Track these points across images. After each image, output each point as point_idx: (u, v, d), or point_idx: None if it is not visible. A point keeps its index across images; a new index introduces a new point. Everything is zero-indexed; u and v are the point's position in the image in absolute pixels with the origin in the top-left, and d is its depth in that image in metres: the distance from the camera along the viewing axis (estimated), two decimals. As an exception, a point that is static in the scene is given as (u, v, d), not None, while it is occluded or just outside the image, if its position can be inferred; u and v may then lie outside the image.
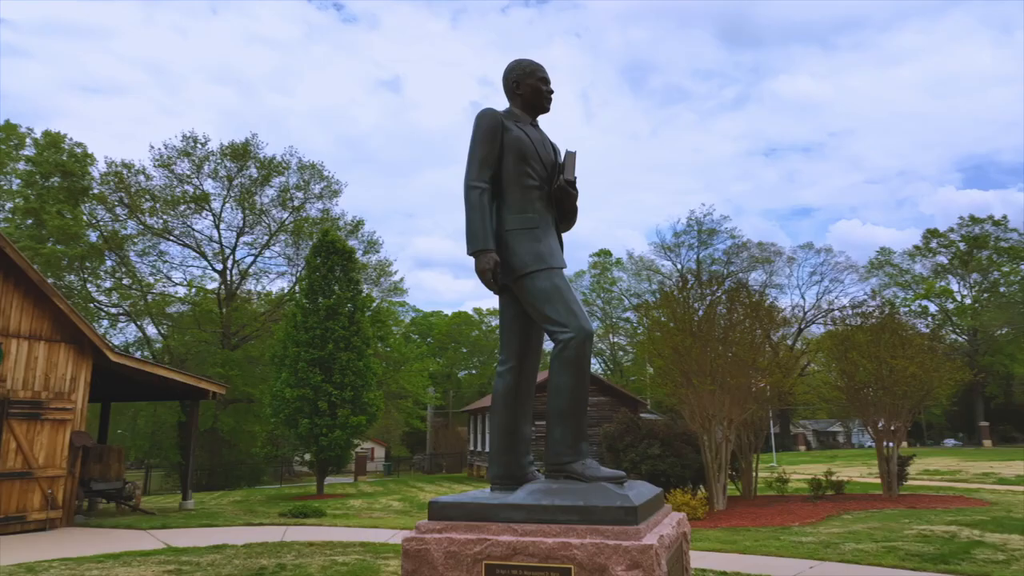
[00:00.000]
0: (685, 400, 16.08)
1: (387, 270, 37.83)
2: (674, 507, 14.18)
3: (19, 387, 12.58)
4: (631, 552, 2.68)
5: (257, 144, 35.28)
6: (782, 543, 11.16)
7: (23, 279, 12.84)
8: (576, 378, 3.25)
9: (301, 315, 23.90)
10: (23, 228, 32.56)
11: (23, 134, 38.53)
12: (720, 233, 54.47)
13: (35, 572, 8.46)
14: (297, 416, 22.50)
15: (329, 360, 22.98)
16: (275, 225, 35.71)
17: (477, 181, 3.53)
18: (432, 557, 2.92)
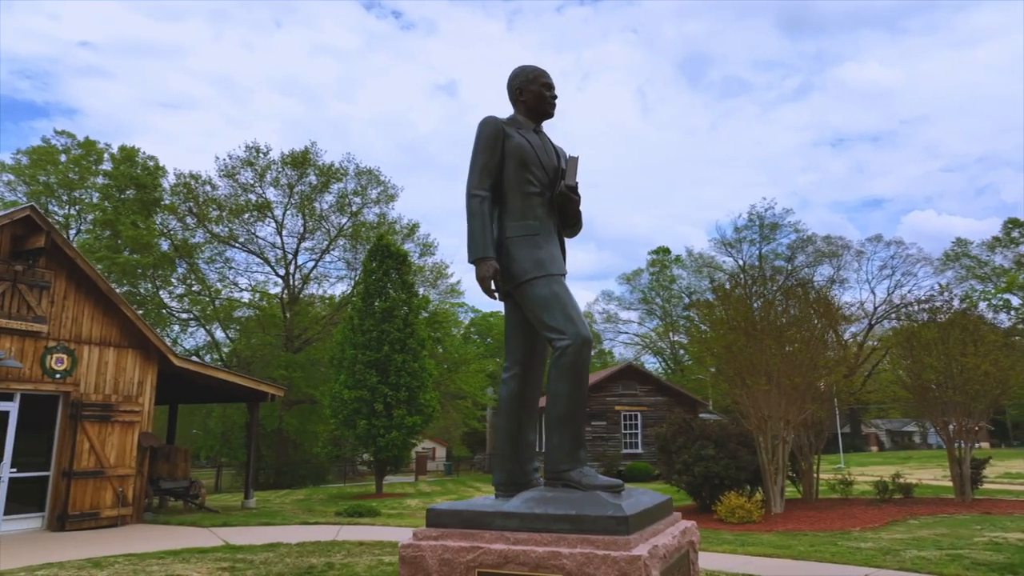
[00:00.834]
0: (739, 400, 15.71)
1: (443, 272, 38.30)
2: (728, 510, 13.93)
3: (91, 391, 13.29)
4: (619, 562, 2.65)
5: (316, 152, 36.29)
6: (839, 549, 10.78)
7: (93, 289, 13.56)
8: (573, 385, 3.23)
9: (358, 318, 24.44)
10: (101, 239, 34.38)
11: (101, 150, 40.67)
12: (783, 227, 52.91)
13: (100, 567, 8.93)
14: (355, 417, 23.01)
15: (385, 362, 23.42)
16: (334, 230, 36.64)
17: (477, 189, 3.56)
18: (427, 564, 2.96)
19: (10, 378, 12.16)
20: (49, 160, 38.74)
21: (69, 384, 12.98)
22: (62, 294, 13.05)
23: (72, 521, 12.56)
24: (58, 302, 12.96)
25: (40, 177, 38.14)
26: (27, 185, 38.49)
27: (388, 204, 37.56)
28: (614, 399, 30.73)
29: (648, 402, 30.63)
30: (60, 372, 12.82)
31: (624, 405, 30.63)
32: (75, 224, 39.81)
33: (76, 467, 12.75)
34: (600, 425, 30.25)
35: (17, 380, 12.27)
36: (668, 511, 3.39)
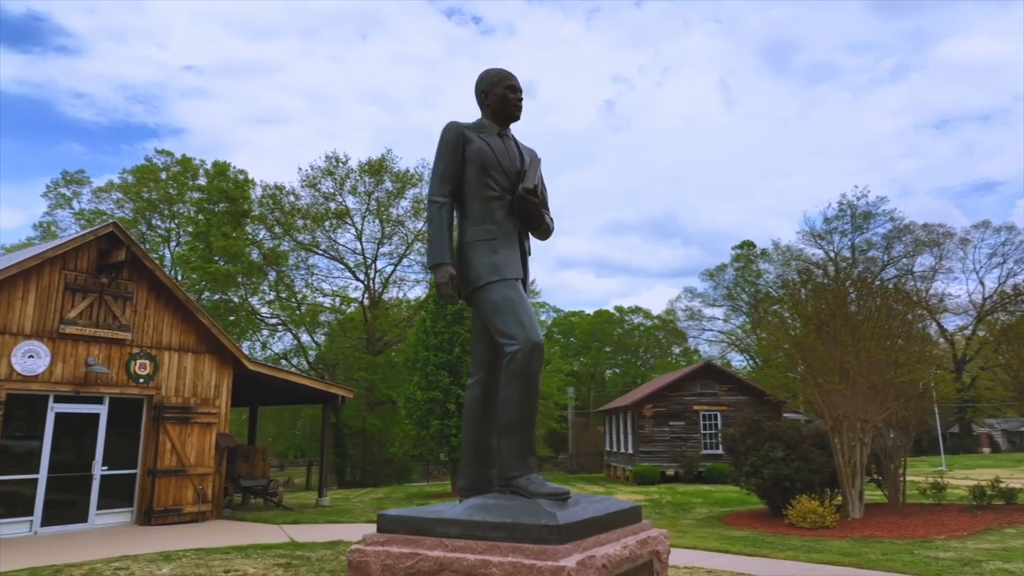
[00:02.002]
0: (812, 400, 15.01)
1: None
2: (799, 514, 13.33)
3: (171, 394, 14.15)
4: (543, 572, 2.59)
5: (392, 159, 37.32)
6: (913, 558, 10.13)
7: (172, 299, 14.43)
8: (522, 391, 3.18)
9: (430, 320, 24.89)
10: (196, 250, 36.59)
11: (196, 166, 43.25)
12: (877, 216, 50.05)
13: (169, 560, 9.51)
14: (429, 417, 23.45)
15: (456, 363, 23.74)
16: (410, 235, 37.53)
17: (436, 195, 3.57)
18: (370, 569, 2.99)
19: (99, 383, 13.11)
20: (151, 177, 41.51)
21: (152, 388, 13.87)
22: (143, 304, 13.96)
23: (157, 516, 13.42)
24: (140, 311, 13.87)
25: (143, 193, 40.93)
26: (133, 201, 41.40)
27: (462, 207, 38.08)
28: (692, 398, 29.98)
29: (728, 401, 29.70)
30: (143, 377, 13.72)
31: (703, 405, 29.83)
32: (175, 237, 42.49)
33: (159, 466, 13.61)
34: (678, 425, 29.58)
35: (105, 384, 13.22)
36: (629, 520, 3.28)
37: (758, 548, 11.19)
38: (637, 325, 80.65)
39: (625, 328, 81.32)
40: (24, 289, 12.32)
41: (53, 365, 12.51)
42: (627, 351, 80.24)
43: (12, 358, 12.04)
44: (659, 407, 29.84)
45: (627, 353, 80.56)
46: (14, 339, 12.10)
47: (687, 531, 13.45)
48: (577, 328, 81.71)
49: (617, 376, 78.60)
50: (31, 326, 12.33)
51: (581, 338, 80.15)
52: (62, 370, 12.63)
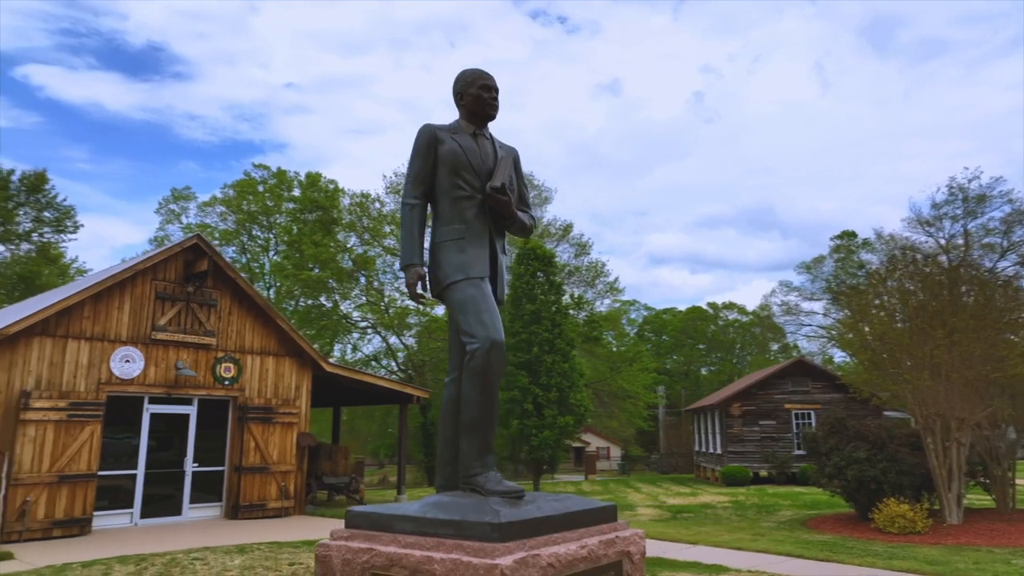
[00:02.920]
0: (900, 397, 14.10)
1: (600, 271, 38.15)
2: (887, 519, 12.55)
3: (254, 395, 14.94)
4: (479, 569, 2.59)
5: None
6: (1009, 569, 9.34)
7: (253, 305, 15.23)
8: (482, 389, 3.19)
9: (507, 321, 25.10)
10: (291, 258, 38.44)
11: (291, 179, 45.43)
12: (992, 199, 46.20)
13: (243, 552, 10.05)
14: (508, 417, 23.64)
15: (534, 363, 23.83)
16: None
17: (409, 197, 3.63)
18: (332, 564, 3.07)
19: (188, 385, 14.02)
20: (250, 190, 43.93)
21: (236, 389, 14.69)
22: (227, 310, 14.81)
23: (243, 511, 14.20)
24: (224, 317, 14.73)
25: (243, 206, 43.36)
26: (234, 214, 43.95)
27: (542, 207, 38.15)
28: (783, 397, 28.77)
29: (822, 399, 28.30)
30: (228, 379, 14.55)
31: (795, 403, 28.56)
32: (273, 246, 44.77)
33: (244, 463, 14.39)
34: (769, 424, 28.46)
35: (194, 387, 14.12)
36: (597, 520, 3.21)
37: (834, 553, 10.63)
38: (732, 321, 78.15)
39: (719, 325, 79.05)
40: (120, 299, 13.35)
41: (147, 369, 13.49)
42: (722, 348, 77.95)
43: (111, 363, 13.07)
44: (748, 406, 28.81)
45: (722, 350, 78.26)
46: (112, 345, 13.13)
47: (764, 534, 12.93)
48: (669, 326, 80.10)
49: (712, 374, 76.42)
50: (127, 333, 13.34)
51: (673, 336, 78.51)
52: (155, 373, 13.59)
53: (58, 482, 12.00)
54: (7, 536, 11.40)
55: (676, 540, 12.07)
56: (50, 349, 12.48)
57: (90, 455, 12.42)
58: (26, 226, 28.06)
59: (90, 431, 12.48)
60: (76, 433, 12.33)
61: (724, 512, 17.69)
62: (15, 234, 27.71)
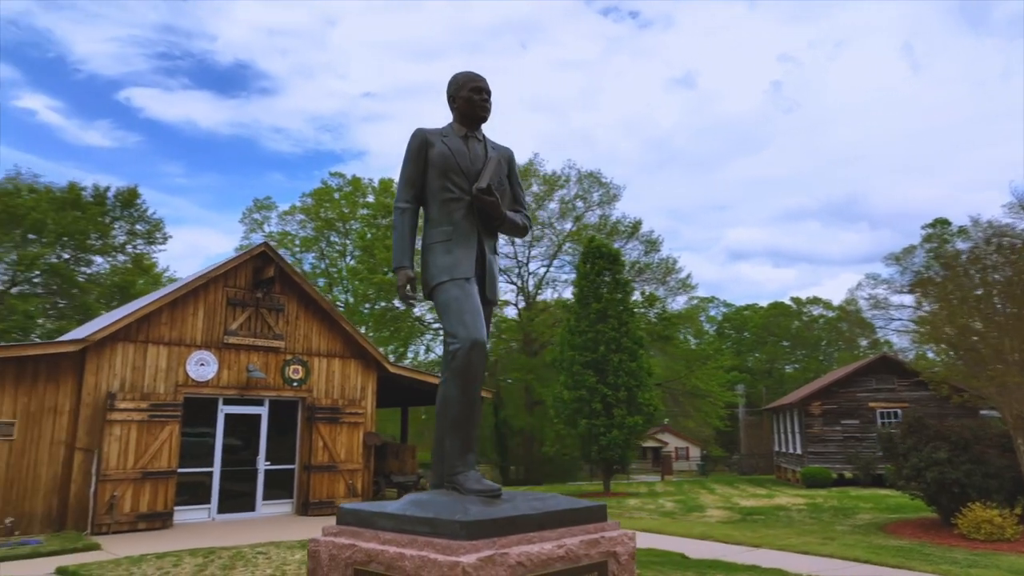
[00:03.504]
0: (984, 395, 13.22)
1: (672, 267, 37.45)
2: (972, 524, 11.81)
3: (321, 396, 15.47)
4: (442, 567, 2.62)
5: (538, 163, 37.93)
6: (1103, 580, 8.60)
7: (319, 309, 15.78)
8: (462, 389, 3.22)
9: (574, 320, 25.00)
10: (365, 263, 39.57)
11: (365, 186, 46.76)
12: (1104, 179, 42.62)
13: (305, 547, 10.44)
14: (576, 417, 23.54)
15: (602, 362, 23.62)
16: (560, 236, 37.89)
17: (400, 201, 3.71)
18: (321, 558, 3.17)
19: (259, 387, 14.66)
20: (327, 198, 45.47)
21: (304, 391, 15.25)
22: (294, 315, 15.39)
23: (313, 508, 14.72)
24: (291, 321, 15.32)
25: (321, 213, 44.93)
26: (313, 221, 45.61)
27: (610, 205, 37.88)
28: (867, 395, 27.42)
29: (910, 397, 26.80)
30: (296, 381, 15.12)
31: (880, 402, 27.18)
32: (349, 251, 46.19)
33: (313, 462, 14.92)
34: (852, 424, 27.20)
35: (264, 388, 14.75)
36: (580, 520, 3.17)
37: (907, 559, 10.07)
38: (816, 317, 75.16)
39: (803, 320, 76.16)
40: (194, 306, 14.10)
41: (220, 372, 14.19)
42: (807, 345, 75.04)
43: (187, 366, 13.82)
44: (829, 404, 27.63)
45: (807, 347, 75.34)
46: (188, 350, 13.88)
47: (835, 538, 12.40)
48: (750, 322, 77.77)
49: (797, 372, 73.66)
50: (201, 338, 14.08)
51: (755, 333, 76.15)
52: (228, 376, 14.28)
53: (142, 478, 12.79)
54: (97, 528, 12.24)
55: (739, 543, 11.73)
56: (132, 354, 13.32)
57: (170, 453, 13.17)
58: (120, 239, 30.10)
59: (169, 431, 13.23)
60: (157, 432, 13.10)
61: (798, 515, 17.05)
62: (111, 246, 29.76)
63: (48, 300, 28.69)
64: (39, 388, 12.54)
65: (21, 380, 12.40)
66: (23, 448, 12.27)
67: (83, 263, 28.91)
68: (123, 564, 9.18)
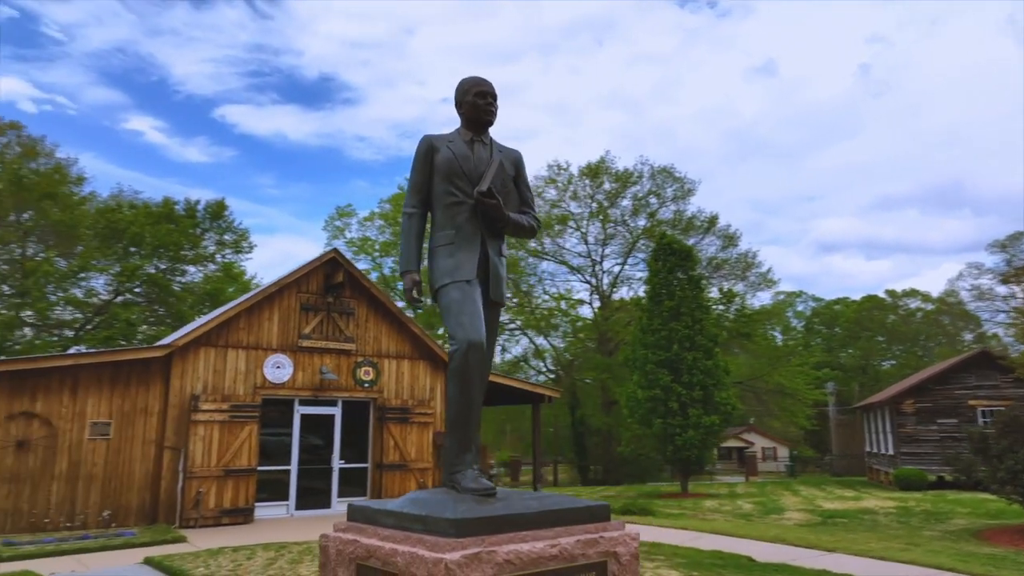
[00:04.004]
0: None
1: (752, 262, 36.26)
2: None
3: (391, 397, 15.88)
4: (427, 563, 2.68)
5: (611, 160, 37.60)
6: None
7: (388, 312, 16.20)
8: (460, 389, 3.28)
9: (646, 318, 24.66)
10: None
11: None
12: None
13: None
14: (651, 416, 23.21)
15: (676, 360, 23.20)
16: (634, 234, 37.44)
17: (407, 207, 3.80)
18: (329, 553, 3.29)
19: (332, 388, 15.20)
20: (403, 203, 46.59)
21: (375, 392, 15.70)
22: (364, 318, 15.87)
23: (385, 505, 15.12)
24: (361, 324, 15.80)
25: (399, 218, 46.13)
26: (391, 226, 46.83)
27: (685, 200, 37.08)
28: (966, 392, 25.75)
29: (1015, 395, 24.94)
30: (367, 382, 15.59)
31: (981, 399, 25.46)
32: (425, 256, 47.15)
33: (385, 460, 15.35)
34: (949, 423, 25.60)
35: (337, 389, 15.28)
36: (580, 519, 3.15)
37: (996, 568, 9.43)
38: (914, 310, 71.11)
39: (900, 314, 72.22)
40: (269, 311, 14.77)
41: (295, 374, 14.80)
42: (903, 340, 71.10)
43: (264, 369, 14.49)
44: (923, 402, 26.11)
45: (904, 342, 71.39)
46: (264, 353, 14.56)
47: (920, 544, 11.74)
48: (841, 317, 74.41)
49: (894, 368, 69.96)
50: (276, 341, 14.73)
51: (847, 328, 72.77)
52: (302, 378, 14.88)
53: (224, 476, 13.51)
54: (185, 522, 13.02)
55: (813, 546, 11.26)
56: (214, 357, 14.09)
57: (249, 452, 13.85)
58: (210, 248, 31.88)
59: (249, 430, 13.92)
60: (237, 432, 13.80)
61: (884, 518, 16.23)
62: (202, 256, 31.57)
63: (148, 309, 30.71)
64: (131, 391, 13.45)
65: (115, 383, 13.34)
66: (119, 446, 13.19)
67: (177, 273, 30.81)
68: (202, 556, 9.73)
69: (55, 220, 27.00)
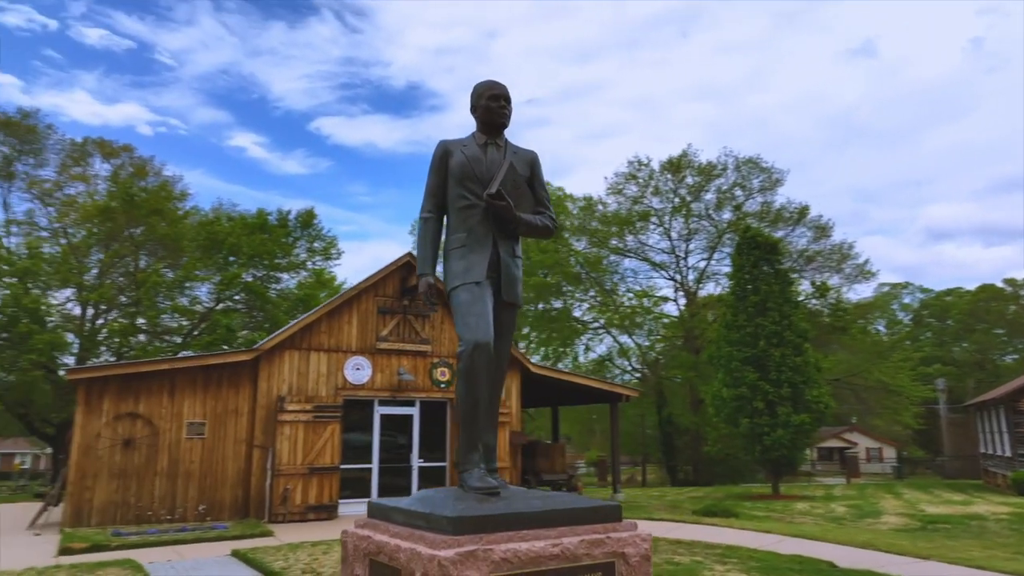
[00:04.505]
0: None
1: (848, 253, 34.43)
2: None
3: (468, 397, 16.11)
4: (423, 559, 2.73)
5: (693, 153, 36.66)
6: None
7: (462, 313, 16.45)
8: (467, 389, 3.34)
9: (731, 314, 23.94)
10: (523, 266, 40.43)
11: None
12: None
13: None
14: (737, 416, 22.51)
15: (763, 358, 22.40)
16: (719, 228, 36.36)
17: (424, 211, 3.89)
18: (348, 548, 3.40)
19: (409, 389, 15.59)
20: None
21: (451, 392, 15.97)
22: (439, 320, 16.19)
23: (464, 503, 15.37)
24: (436, 326, 16.12)
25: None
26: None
27: (772, 191, 35.64)
28: (1093, 388, 23.53)
29: None
30: (443, 383, 15.88)
31: (1111, 395, 23.21)
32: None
33: (462, 459, 15.58)
34: None
35: (415, 390, 15.66)
36: (587, 519, 3.11)
37: (1115, 583, 8.59)
38: (1037, 299, 65.61)
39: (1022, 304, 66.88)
40: (349, 315, 15.32)
41: (374, 375, 15.28)
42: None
43: (345, 371, 15.04)
44: (1043, 400, 24.06)
45: (1024, 335, 66.07)
46: (345, 355, 15.11)
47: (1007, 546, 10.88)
48: (954, 309, 69.64)
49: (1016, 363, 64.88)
50: (356, 344, 15.26)
51: (960, 320, 68.03)
52: (381, 379, 15.34)
53: (309, 473, 14.11)
54: (273, 517, 13.69)
55: (904, 553, 10.61)
56: (297, 360, 14.74)
57: (332, 450, 14.41)
58: (301, 256, 33.35)
59: (331, 430, 14.48)
60: (321, 432, 14.39)
61: (995, 525, 15.08)
62: (295, 264, 33.07)
63: (247, 315, 32.44)
64: (223, 392, 14.27)
65: (208, 386, 14.19)
66: (213, 445, 14.03)
67: (272, 280, 32.40)
68: (283, 550, 10.21)
69: (162, 234, 29.00)
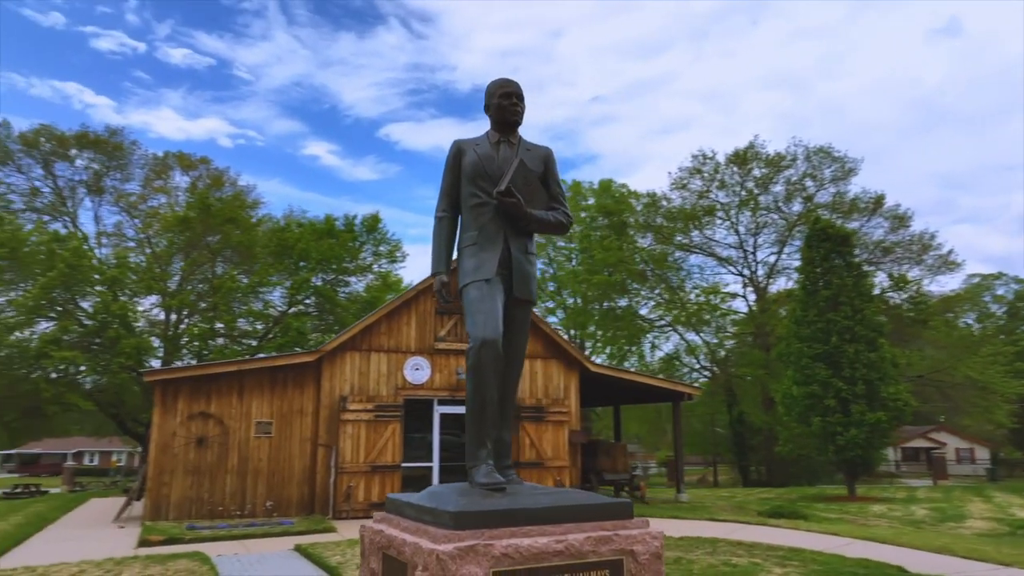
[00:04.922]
0: None
1: (929, 243, 32.66)
2: None
3: (526, 396, 16.15)
4: (423, 553, 2.75)
5: (760, 144, 35.57)
6: None
7: (519, 312, 16.49)
8: (475, 386, 3.35)
9: (800, 309, 23.16)
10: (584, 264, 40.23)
11: (585, 190, 47.55)
12: None
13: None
14: (809, 414, 21.75)
15: (835, 354, 21.57)
16: (789, 221, 35.15)
17: (438, 211, 3.92)
18: (365, 541, 3.47)
19: (468, 388, 15.72)
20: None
21: (509, 391, 16.02)
22: (496, 319, 16.26)
23: (524, 502, 15.41)
24: (493, 326, 16.20)
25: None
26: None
27: (845, 180, 34.18)
28: None
29: None
30: (502, 382, 15.95)
31: None
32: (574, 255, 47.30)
33: (521, 459, 15.62)
34: None
35: (473, 389, 15.77)
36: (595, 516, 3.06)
37: None
38: None
39: None
40: (407, 316, 15.60)
41: (433, 375, 15.50)
42: None
43: (404, 370, 15.32)
44: None
45: None
46: (404, 356, 15.39)
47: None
48: (1056, 299, 65.20)
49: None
50: (415, 344, 15.52)
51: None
52: (439, 379, 15.55)
53: (371, 471, 14.44)
54: (337, 514, 14.08)
55: (984, 559, 10.01)
56: (359, 361, 15.11)
57: (393, 449, 14.70)
58: (368, 260, 34.18)
59: (392, 429, 14.78)
60: (382, 431, 14.70)
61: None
62: (361, 267, 33.92)
63: (318, 318, 33.49)
64: (288, 393, 14.77)
65: (275, 386, 14.72)
66: (279, 444, 14.54)
67: (341, 284, 33.32)
68: (342, 546, 10.49)
69: (236, 241, 30.24)
